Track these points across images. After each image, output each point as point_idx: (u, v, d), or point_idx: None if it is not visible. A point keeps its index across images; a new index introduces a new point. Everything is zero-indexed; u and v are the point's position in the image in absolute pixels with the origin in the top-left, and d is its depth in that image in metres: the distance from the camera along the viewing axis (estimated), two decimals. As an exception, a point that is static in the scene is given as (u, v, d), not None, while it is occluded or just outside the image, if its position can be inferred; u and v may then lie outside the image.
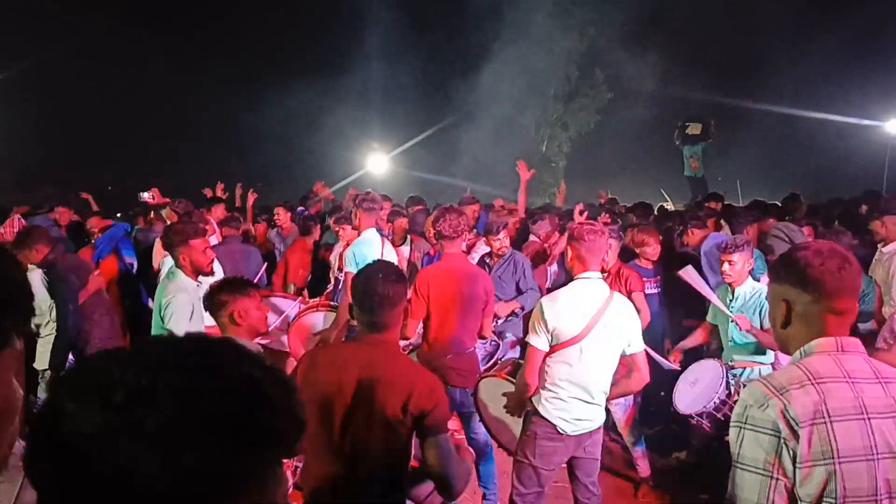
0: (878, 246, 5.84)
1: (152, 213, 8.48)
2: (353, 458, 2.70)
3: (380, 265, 2.96)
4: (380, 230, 6.50)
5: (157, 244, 6.49)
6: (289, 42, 20.00)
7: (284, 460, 0.97)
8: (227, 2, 19.51)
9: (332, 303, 6.22)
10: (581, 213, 7.35)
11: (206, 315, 3.68)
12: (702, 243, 6.22)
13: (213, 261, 4.66)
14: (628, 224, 7.42)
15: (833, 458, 1.80)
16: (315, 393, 2.71)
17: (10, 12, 17.54)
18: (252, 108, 18.96)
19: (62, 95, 18.20)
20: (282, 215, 9.27)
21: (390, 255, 5.91)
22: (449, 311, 4.80)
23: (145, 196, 9.56)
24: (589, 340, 3.61)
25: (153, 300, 5.20)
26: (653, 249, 6.07)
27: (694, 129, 14.40)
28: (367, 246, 5.70)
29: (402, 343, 4.66)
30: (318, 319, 6.04)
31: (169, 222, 7.15)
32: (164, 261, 5.62)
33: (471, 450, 3.12)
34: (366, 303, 2.79)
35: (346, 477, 2.71)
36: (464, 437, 4.69)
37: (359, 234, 5.93)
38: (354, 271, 5.25)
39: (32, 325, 5.31)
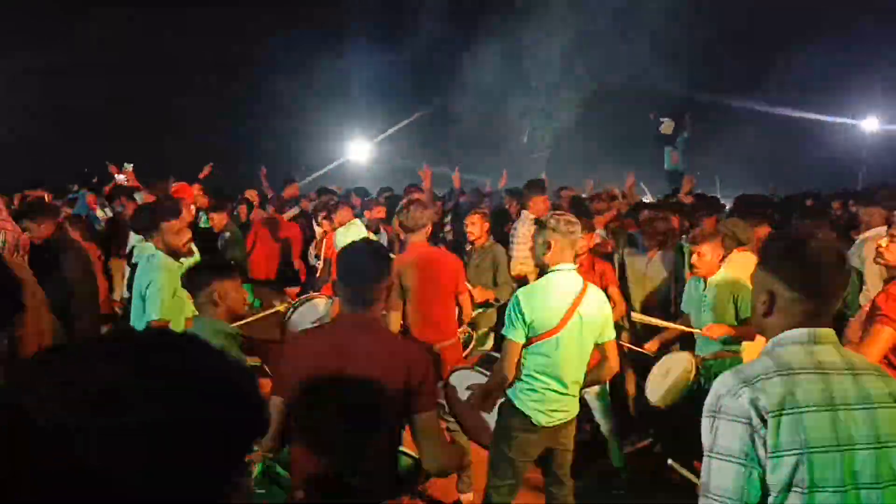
0: (858, 238, 5.87)
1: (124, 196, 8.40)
2: (348, 440, 2.64)
3: (364, 242, 2.94)
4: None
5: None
6: (268, 26, 19.80)
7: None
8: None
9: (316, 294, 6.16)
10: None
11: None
12: None
13: (189, 241, 4.63)
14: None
15: (802, 447, 1.82)
16: (304, 378, 2.64)
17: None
18: (232, 94, 18.83)
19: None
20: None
21: None
22: (424, 299, 4.80)
23: (120, 178, 9.44)
24: (565, 332, 3.62)
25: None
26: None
27: (666, 127, 14.55)
28: (355, 229, 5.93)
29: None
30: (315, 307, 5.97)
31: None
32: (136, 244, 5.56)
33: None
34: (352, 276, 2.73)
35: (340, 460, 2.66)
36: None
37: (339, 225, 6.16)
38: None
39: None
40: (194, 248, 4.90)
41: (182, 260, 4.52)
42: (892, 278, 3.89)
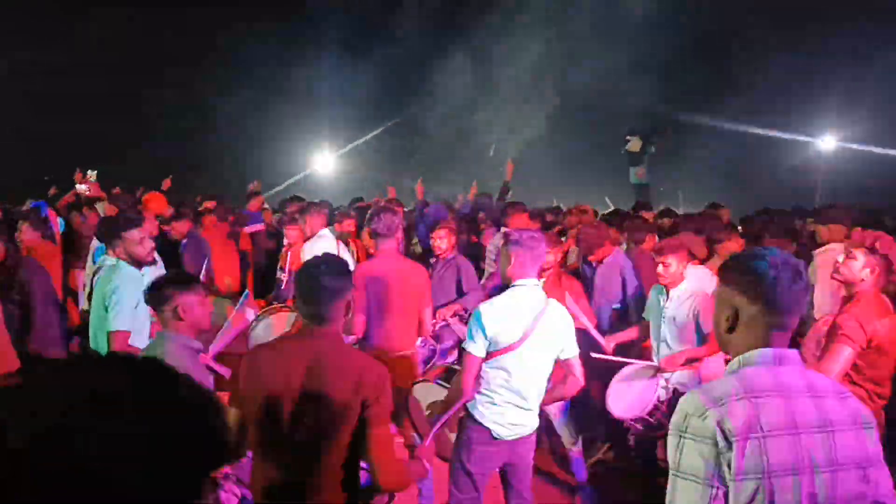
0: (814, 252, 5.96)
1: (85, 206, 8.30)
2: (306, 455, 2.65)
3: (324, 257, 2.93)
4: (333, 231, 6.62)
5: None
6: (233, 36, 19.68)
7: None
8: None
9: (282, 305, 6.11)
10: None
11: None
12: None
13: (151, 250, 4.59)
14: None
15: (764, 472, 1.84)
16: (261, 392, 2.66)
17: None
18: (197, 104, 18.65)
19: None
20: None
21: (344, 255, 5.93)
22: (386, 308, 4.81)
23: (81, 188, 9.29)
24: (526, 347, 3.63)
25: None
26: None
27: (633, 145, 14.79)
28: (323, 243, 5.78)
29: (347, 339, 4.65)
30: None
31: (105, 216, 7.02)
32: (95, 252, 5.48)
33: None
34: (310, 295, 2.75)
35: (298, 474, 2.66)
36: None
37: (309, 236, 6.01)
38: None
39: None
40: (157, 258, 4.86)
41: (145, 270, 4.49)
42: (850, 296, 3.98)
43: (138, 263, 4.45)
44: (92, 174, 9.44)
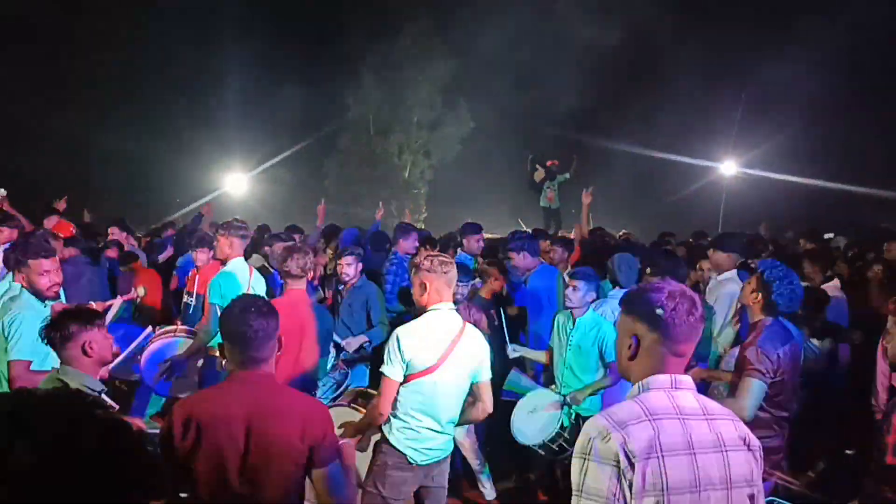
0: (713, 275, 6.12)
1: None
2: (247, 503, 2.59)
3: (249, 299, 2.88)
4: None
5: None
6: (142, 54, 19.20)
7: None
8: (81, 13, 18.56)
9: (188, 328, 5.94)
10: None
11: None
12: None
13: (55, 286, 4.26)
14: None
15: (663, 490, 1.94)
16: (202, 444, 2.56)
17: None
18: (101, 121, 18.06)
19: None
20: (115, 235, 8.90)
21: (259, 285, 5.70)
22: (290, 347, 4.72)
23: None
24: (443, 371, 3.64)
25: None
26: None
27: (539, 174, 15.25)
28: (234, 277, 5.40)
29: None
30: (173, 345, 5.74)
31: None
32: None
33: None
34: (242, 339, 2.69)
35: None
36: None
37: (223, 263, 5.59)
38: (219, 302, 5.10)
39: None
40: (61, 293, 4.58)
41: (46, 303, 4.23)
42: (754, 323, 4.05)
43: (38, 295, 4.20)
44: (1, 191, 9.02)
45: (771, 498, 3.50)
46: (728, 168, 18.14)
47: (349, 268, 6.09)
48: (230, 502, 2.61)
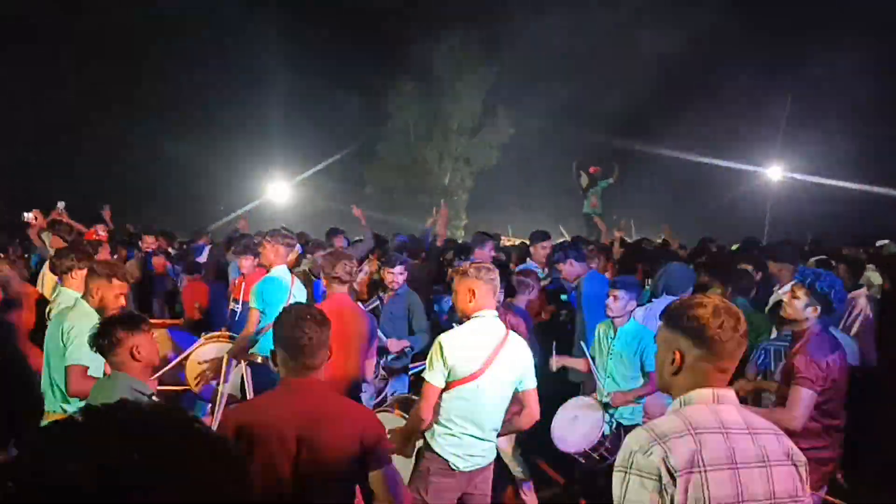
0: (774, 288, 6.00)
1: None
2: None
3: (305, 307, 2.93)
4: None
5: (46, 268, 6.20)
6: (188, 65, 19.58)
7: None
8: (124, 29, 19.01)
9: (231, 334, 6.04)
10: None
11: None
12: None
13: (120, 308, 4.26)
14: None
15: None
16: (255, 452, 2.59)
17: None
18: (149, 133, 18.44)
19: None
20: (148, 244, 9.14)
21: (300, 293, 5.75)
22: (336, 351, 4.72)
23: (28, 216, 9.15)
24: (486, 377, 3.63)
25: None
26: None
27: (584, 180, 15.13)
28: (277, 283, 5.46)
29: None
30: (210, 350, 5.87)
31: (52, 247, 6.87)
32: (59, 289, 5.22)
33: None
34: (297, 347, 2.74)
35: None
36: None
37: (267, 269, 5.66)
38: (260, 308, 5.17)
39: None
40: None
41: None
42: (798, 333, 3.95)
43: (102, 311, 4.18)
44: (61, 204, 9.33)
45: None
46: (774, 173, 17.87)
47: (400, 276, 6.08)
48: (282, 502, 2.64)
